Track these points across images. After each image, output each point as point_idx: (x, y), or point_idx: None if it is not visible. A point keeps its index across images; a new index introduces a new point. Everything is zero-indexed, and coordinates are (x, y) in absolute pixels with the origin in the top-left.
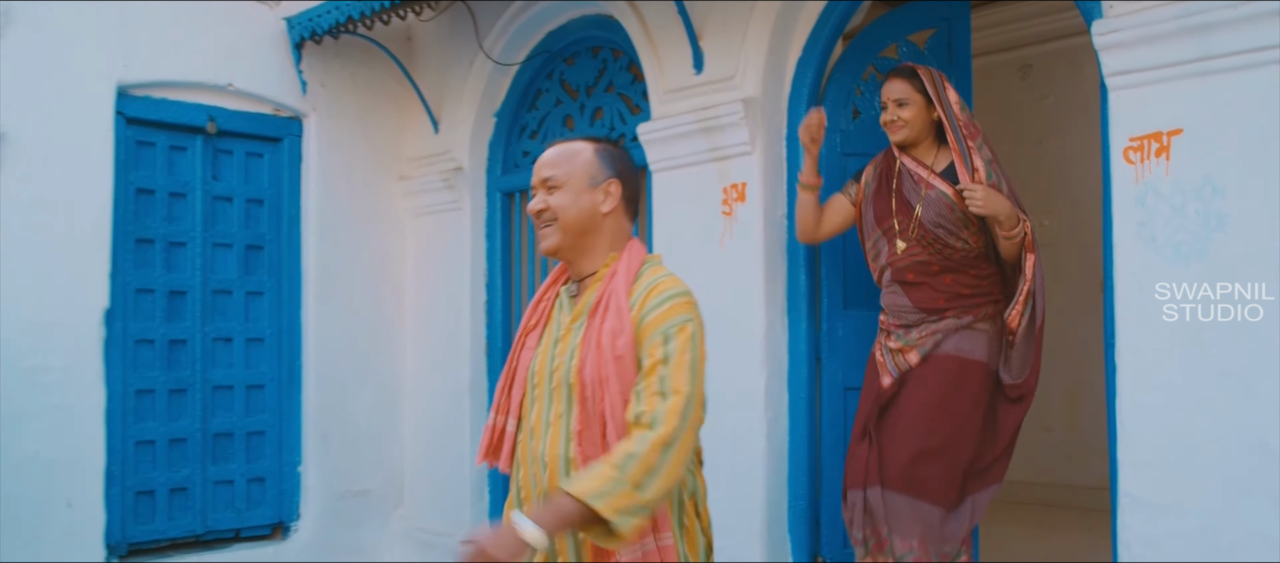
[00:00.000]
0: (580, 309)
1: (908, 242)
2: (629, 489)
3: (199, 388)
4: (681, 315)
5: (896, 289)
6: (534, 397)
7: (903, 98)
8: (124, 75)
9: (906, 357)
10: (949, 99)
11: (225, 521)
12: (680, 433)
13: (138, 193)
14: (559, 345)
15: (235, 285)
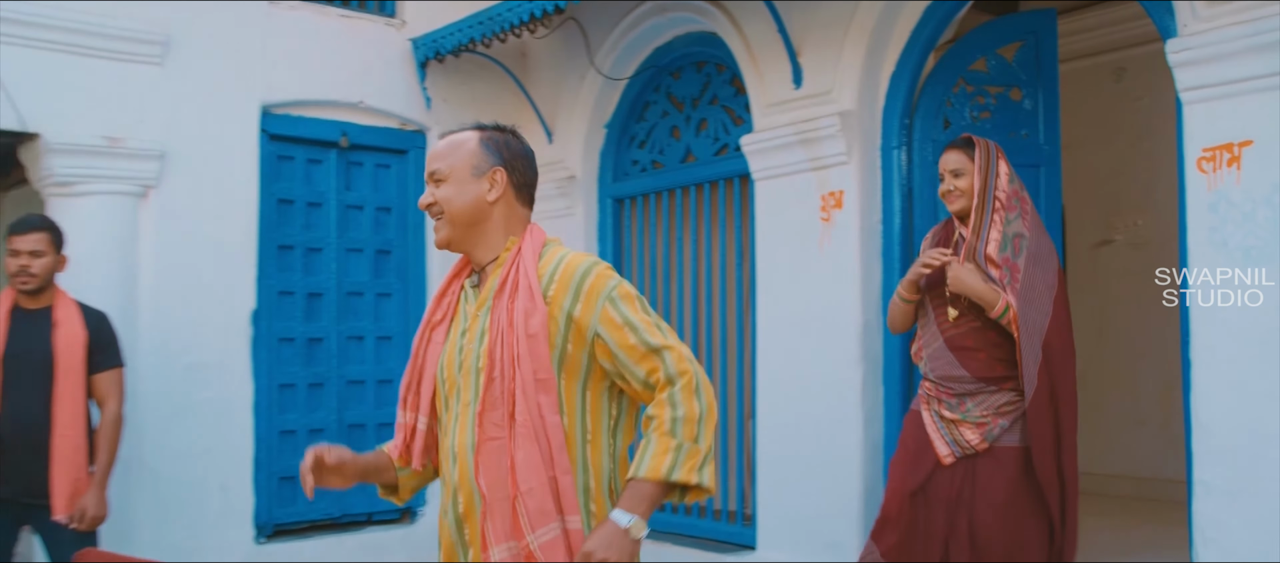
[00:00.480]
0: (485, 295)
1: (959, 309)
2: (691, 447)
3: (335, 382)
4: (611, 281)
5: (950, 359)
6: (446, 392)
7: (958, 168)
8: (267, 96)
9: (964, 433)
10: (999, 171)
11: (359, 505)
12: (697, 372)
13: (279, 203)
14: (466, 335)
15: (366, 287)
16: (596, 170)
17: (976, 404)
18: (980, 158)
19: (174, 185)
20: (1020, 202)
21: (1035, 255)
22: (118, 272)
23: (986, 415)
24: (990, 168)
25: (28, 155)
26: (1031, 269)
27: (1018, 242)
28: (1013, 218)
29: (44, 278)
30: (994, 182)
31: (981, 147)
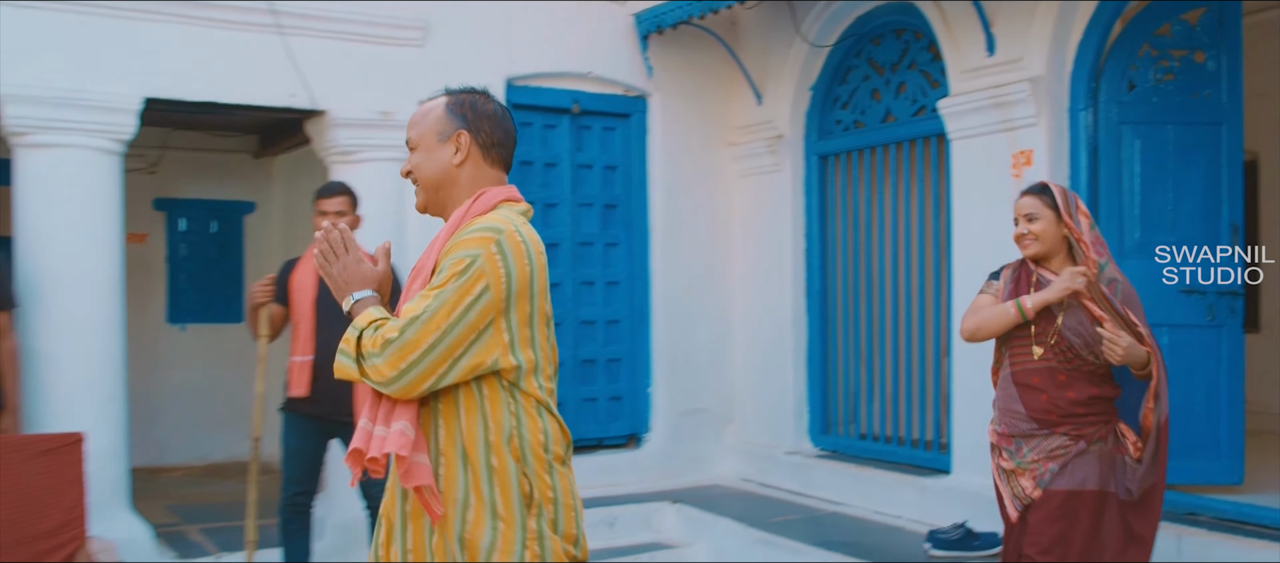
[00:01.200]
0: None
1: (1044, 347)
2: (370, 342)
3: (570, 322)
4: (456, 254)
5: (1013, 393)
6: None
7: (1032, 213)
8: (510, 70)
9: (1021, 482)
10: (1079, 218)
11: (591, 431)
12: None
13: (521, 164)
14: None
15: (596, 238)
16: (802, 130)
17: (1032, 449)
18: (1062, 202)
19: None
20: (1102, 248)
21: (1128, 298)
22: (390, 229)
23: (1039, 459)
24: (1072, 213)
25: (315, 129)
26: (1128, 311)
27: (1113, 286)
28: (1105, 264)
29: None
30: (1079, 224)
31: (1059, 192)
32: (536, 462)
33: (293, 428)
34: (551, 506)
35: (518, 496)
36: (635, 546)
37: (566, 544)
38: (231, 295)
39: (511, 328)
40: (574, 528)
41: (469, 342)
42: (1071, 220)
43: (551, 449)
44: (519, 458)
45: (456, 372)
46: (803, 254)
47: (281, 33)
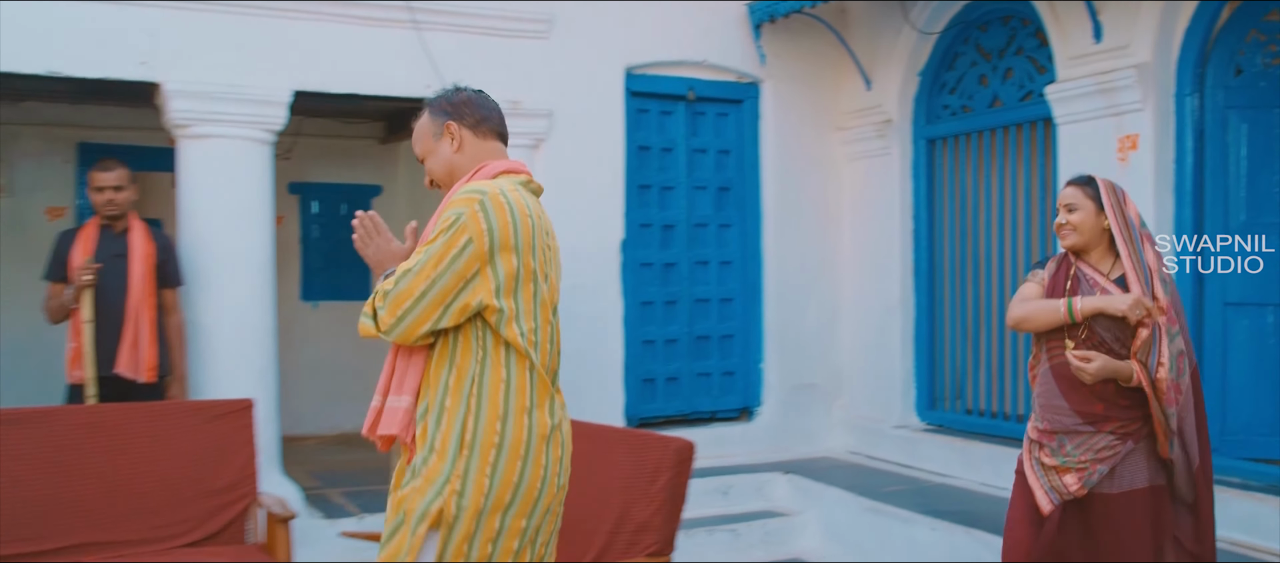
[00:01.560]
0: None
1: (1075, 341)
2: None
3: (685, 301)
4: (450, 210)
5: (1053, 389)
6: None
7: (1073, 204)
8: (629, 60)
9: (1063, 479)
10: (1128, 212)
11: (705, 404)
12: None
13: (639, 149)
14: None
15: (710, 219)
16: (911, 114)
17: (1077, 447)
18: (1107, 196)
19: (559, 138)
20: (1148, 238)
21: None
22: None
23: (1086, 460)
24: (1119, 208)
25: None
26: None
27: (1155, 276)
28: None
29: None
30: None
31: (1105, 187)
32: (490, 407)
33: None
34: (493, 450)
35: (457, 438)
36: (749, 513)
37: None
38: (360, 274)
39: (498, 276)
40: (515, 473)
41: (458, 288)
42: (1114, 213)
43: (512, 397)
44: (474, 403)
45: (449, 315)
46: (910, 235)
47: (417, 28)
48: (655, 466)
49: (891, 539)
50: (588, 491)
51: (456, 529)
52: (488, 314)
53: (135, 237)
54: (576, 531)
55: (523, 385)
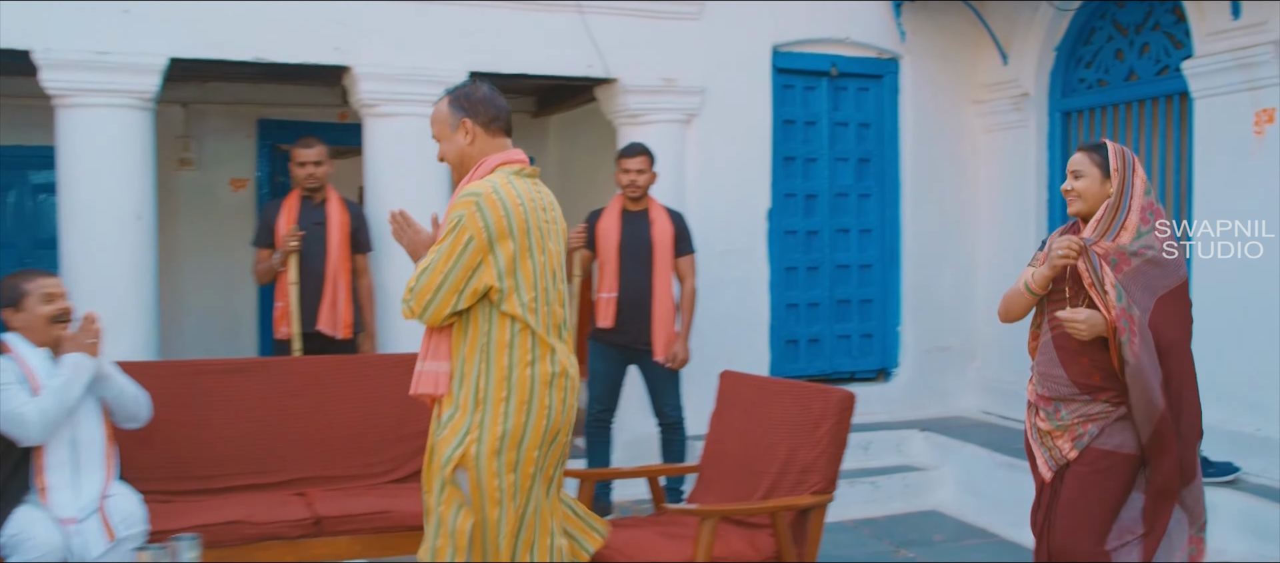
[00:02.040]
0: None
1: (1075, 308)
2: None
3: (826, 266)
4: (453, 213)
5: (1053, 358)
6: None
7: (1079, 170)
8: (776, 38)
9: (1057, 443)
10: (1134, 180)
11: (844, 365)
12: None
13: (784, 123)
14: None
15: (851, 189)
16: (1047, 87)
17: (1071, 412)
18: (1115, 162)
19: (710, 114)
20: (1155, 216)
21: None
22: (671, 182)
23: (1077, 421)
24: (1126, 174)
25: (604, 95)
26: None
27: (1145, 250)
28: (1145, 231)
29: (645, 189)
30: (1131, 187)
31: (1116, 153)
32: (498, 362)
33: (598, 354)
34: (502, 403)
35: (472, 395)
36: (888, 467)
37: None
38: None
39: (499, 262)
40: (522, 416)
41: (467, 278)
42: (1117, 180)
43: (515, 355)
44: (484, 365)
45: (464, 299)
46: (1045, 204)
47: (581, 12)
48: (819, 413)
49: (1025, 493)
50: (758, 436)
51: (480, 466)
52: (491, 294)
53: (332, 207)
54: (748, 471)
55: (525, 345)
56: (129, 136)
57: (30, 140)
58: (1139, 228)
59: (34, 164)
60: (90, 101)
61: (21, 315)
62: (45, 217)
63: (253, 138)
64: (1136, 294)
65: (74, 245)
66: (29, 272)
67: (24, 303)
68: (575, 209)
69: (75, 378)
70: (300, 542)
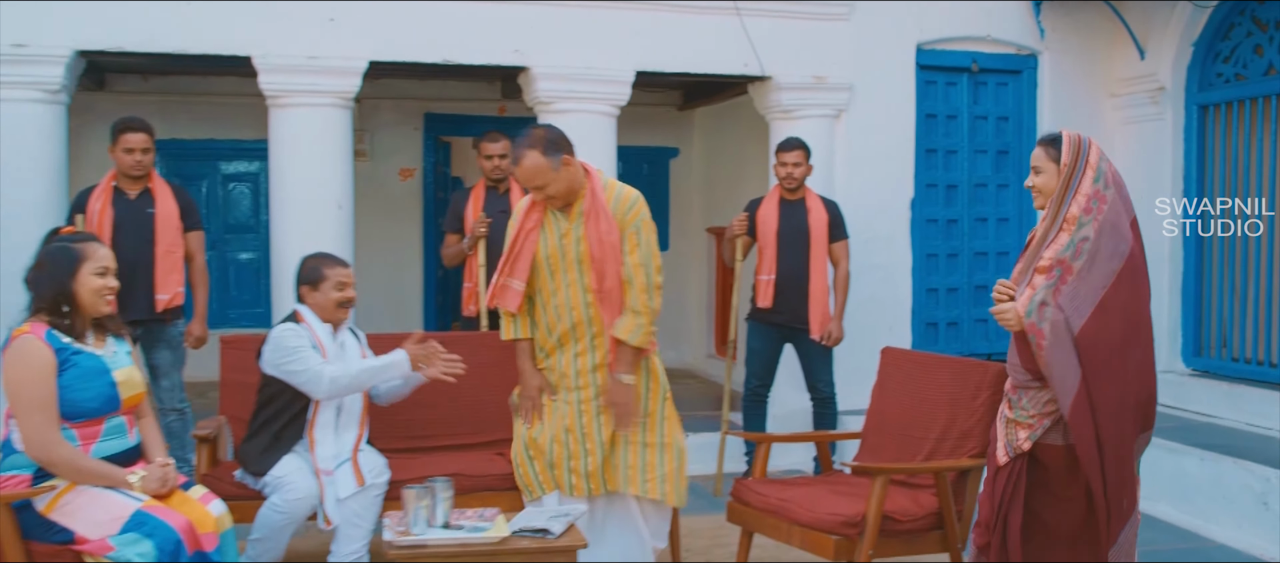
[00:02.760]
0: (574, 216)
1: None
2: (646, 324)
3: (965, 253)
4: (640, 214)
5: (1013, 348)
6: (550, 270)
7: (1038, 166)
8: (920, 37)
9: (1017, 433)
10: (1083, 175)
11: (981, 347)
12: (650, 285)
13: (926, 117)
14: (564, 239)
15: (989, 180)
16: (1184, 81)
17: (1030, 400)
18: (1067, 157)
19: (857, 109)
20: (1099, 204)
21: (1094, 256)
22: (821, 173)
23: (1034, 415)
24: (1076, 165)
25: (758, 91)
26: (1085, 272)
27: (1082, 245)
28: (1086, 221)
29: (801, 180)
30: (1076, 184)
31: (1070, 146)
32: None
33: (756, 333)
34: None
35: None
36: None
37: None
38: (659, 228)
39: None
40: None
41: None
42: (1067, 172)
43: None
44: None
45: None
46: (1180, 195)
47: (738, 13)
48: (977, 385)
49: (1161, 468)
50: (918, 405)
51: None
52: None
53: (515, 196)
54: (908, 437)
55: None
56: (331, 133)
57: (221, 135)
58: (1080, 219)
59: (224, 156)
60: (300, 102)
61: (316, 295)
62: (234, 204)
63: (419, 130)
64: (1084, 291)
65: (282, 232)
66: (329, 258)
67: (321, 285)
68: (719, 197)
69: (383, 371)
70: (505, 493)
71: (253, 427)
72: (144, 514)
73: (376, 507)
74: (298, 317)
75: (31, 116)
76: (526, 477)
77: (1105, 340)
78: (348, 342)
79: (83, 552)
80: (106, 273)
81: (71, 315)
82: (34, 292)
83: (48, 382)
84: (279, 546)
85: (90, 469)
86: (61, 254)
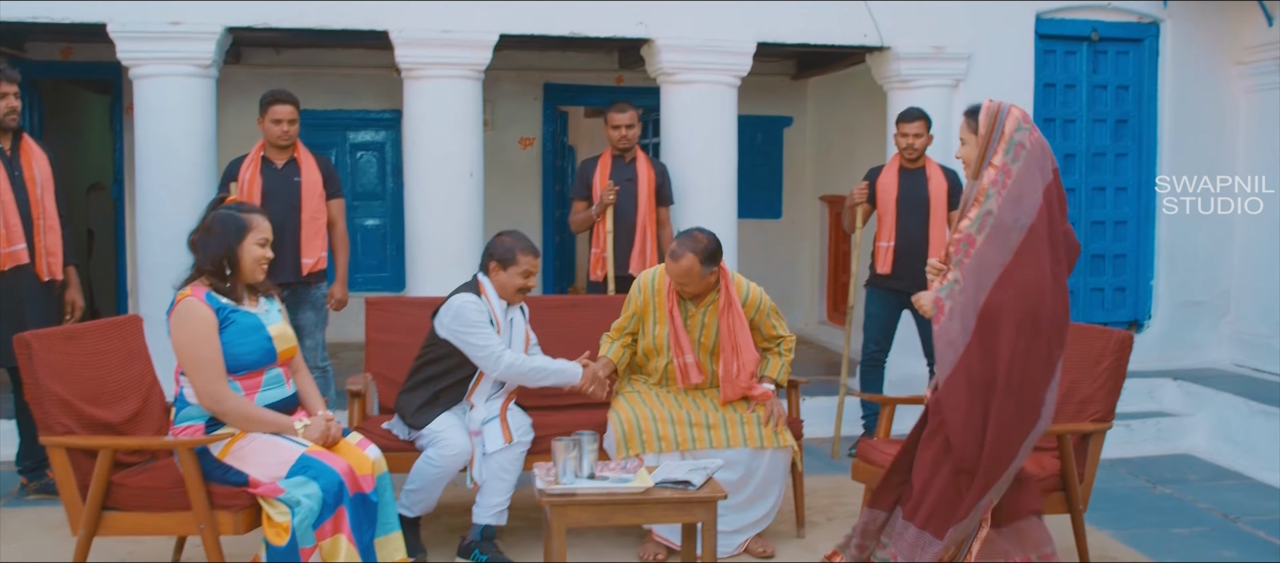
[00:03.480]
0: (704, 306)
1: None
2: (787, 364)
3: (1082, 222)
4: (768, 301)
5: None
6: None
7: (962, 137)
8: (1040, 6)
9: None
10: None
11: (1098, 316)
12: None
13: (1045, 86)
14: (691, 320)
15: (1108, 149)
16: None
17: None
18: (983, 129)
19: (975, 78)
20: (1004, 176)
21: (996, 230)
22: (939, 143)
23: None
24: (991, 136)
25: (876, 62)
26: (986, 247)
27: (986, 219)
28: (991, 193)
29: (922, 151)
30: (989, 157)
31: (987, 116)
32: None
33: (875, 299)
34: None
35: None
36: (1140, 412)
37: None
38: (773, 196)
39: None
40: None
41: None
42: (982, 144)
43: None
44: None
45: None
46: None
47: None
48: (1099, 351)
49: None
50: None
51: None
52: None
53: (641, 164)
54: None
55: None
56: (464, 104)
57: (349, 106)
58: (987, 192)
59: (352, 126)
60: (434, 74)
61: (503, 275)
62: (362, 172)
63: (539, 100)
64: (988, 263)
65: (416, 200)
66: (525, 244)
67: (510, 268)
68: (832, 166)
69: (553, 376)
70: None
71: (412, 381)
72: (309, 459)
73: (520, 463)
74: (478, 287)
75: (185, 91)
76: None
77: (1007, 315)
78: (516, 318)
79: (256, 493)
80: (266, 244)
81: (232, 280)
82: (198, 255)
83: (213, 339)
84: (432, 497)
85: (258, 417)
86: (230, 222)
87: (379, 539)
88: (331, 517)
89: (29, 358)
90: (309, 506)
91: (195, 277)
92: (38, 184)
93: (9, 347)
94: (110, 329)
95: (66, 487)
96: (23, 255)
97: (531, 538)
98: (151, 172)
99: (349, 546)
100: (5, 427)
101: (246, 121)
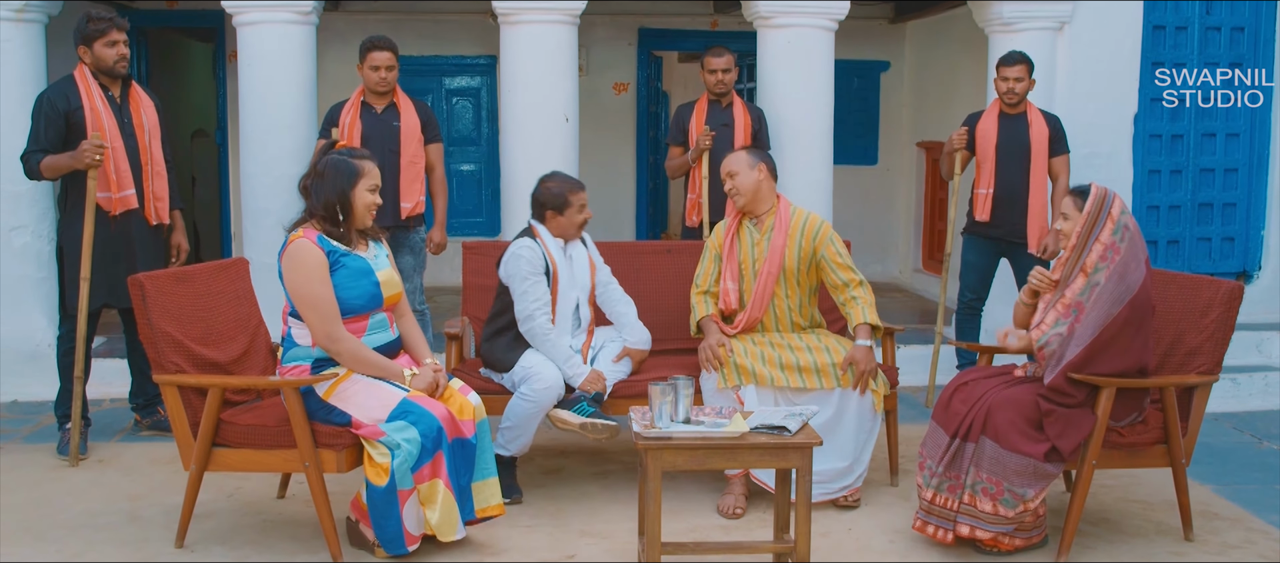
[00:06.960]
0: (764, 230)
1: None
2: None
3: (1190, 170)
4: (830, 229)
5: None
6: (743, 270)
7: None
8: None
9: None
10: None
11: (1204, 267)
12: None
13: (1154, 29)
14: (756, 248)
15: (1218, 95)
16: None
17: None
18: (1090, 208)
19: (1081, 20)
20: (1113, 254)
21: (1100, 299)
22: (1042, 88)
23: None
24: (1097, 221)
25: (977, 4)
26: (1093, 310)
27: (1094, 291)
28: (1100, 268)
29: (1023, 95)
30: (1097, 234)
31: (1095, 199)
32: None
33: (972, 246)
34: None
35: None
36: (1247, 366)
37: None
38: (869, 142)
39: None
40: None
41: None
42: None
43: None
44: None
45: None
46: None
47: None
48: (1207, 302)
49: None
50: None
51: None
52: None
53: (737, 109)
54: None
55: None
56: (559, 49)
57: (444, 51)
58: (1096, 266)
59: (448, 72)
60: (531, 19)
61: (561, 219)
62: (458, 118)
63: (633, 45)
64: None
65: (513, 145)
66: (570, 182)
67: (567, 210)
68: (929, 112)
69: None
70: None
71: (491, 329)
72: (409, 404)
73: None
74: (533, 231)
75: (287, 38)
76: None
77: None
78: (576, 253)
79: (359, 433)
80: (376, 189)
81: (345, 224)
82: (310, 199)
83: (325, 281)
84: (528, 434)
85: (369, 359)
86: (344, 167)
87: (476, 483)
88: (429, 461)
89: (143, 298)
90: (408, 450)
91: (306, 220)
92: (146, 130)
93: (123, 288)
94: (218, 271)
95: (178, 424)
96: (132, 200)
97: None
98: (254, 118)
99: (446, 491)
100: (118, 365)
101: (346, 68)
